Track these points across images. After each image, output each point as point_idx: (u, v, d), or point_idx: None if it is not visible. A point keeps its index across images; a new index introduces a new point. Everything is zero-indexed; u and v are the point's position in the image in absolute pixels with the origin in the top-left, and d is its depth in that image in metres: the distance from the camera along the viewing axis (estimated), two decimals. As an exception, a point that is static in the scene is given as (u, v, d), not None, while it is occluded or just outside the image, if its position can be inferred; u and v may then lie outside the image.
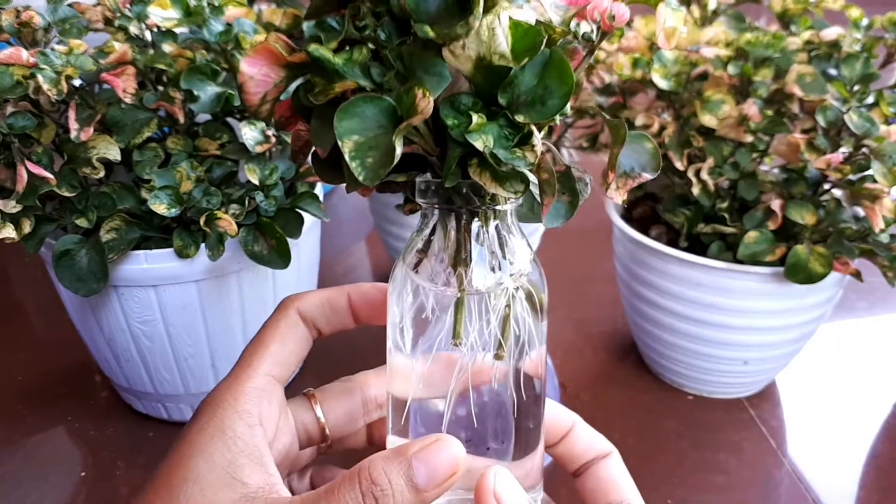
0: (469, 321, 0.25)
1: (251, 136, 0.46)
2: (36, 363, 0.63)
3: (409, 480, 0.23)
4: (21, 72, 0.40)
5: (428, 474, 0.23)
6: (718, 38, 0.54)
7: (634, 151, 0.24)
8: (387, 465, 0.23)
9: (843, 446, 0.54)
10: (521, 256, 0.26)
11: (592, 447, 0.29)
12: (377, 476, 0.23)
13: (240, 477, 0.24)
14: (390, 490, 0.23)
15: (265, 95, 0.22)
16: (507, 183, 0.22)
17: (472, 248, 0.25)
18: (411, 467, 0.23)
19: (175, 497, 0.24)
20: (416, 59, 0.20)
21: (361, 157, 0.20)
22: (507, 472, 0.25)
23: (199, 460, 0.24)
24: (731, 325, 0.51)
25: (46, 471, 0.51)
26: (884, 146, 0.45)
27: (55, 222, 0.45)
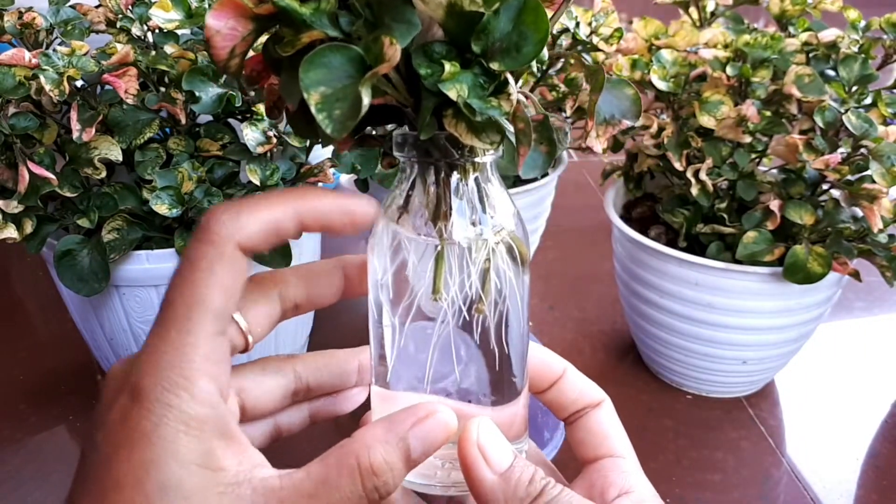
0: (450, 275, 0.25)
1: (252, 136, 0.46)
2: (37, 363, 0.63)
3: (405, 458, 0.23)
4: (23, 73, 0.40)
5: (423, 447, 0.23)
6: (717, 39, 0.55)
7: (615, 98, 0.23)
8: (386, 452, 0.23)
9: (842, 445, 0.54)
10: (502, 209, 0.25)
11: (584, 395, 0.28)
12: (378, 466, 0.22)
13: (217, 465, 0.22)
14: (391, 476, 0.22)
15: (233, 49, 0.21)
16: (483, 133, 0.21)
17: (452, 201, 0.24)
18: (408, 446, 0.23)
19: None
20: (384, 7, 0.20)
21: (328, 108, 0.19)
22: (489, 423, 0.24)
23: (172, 463, 0.21)
24: (730, 325, 0.51)
25: (48, 470, 0.51)
26: (882, 147, 0.45)
27: (57, 222, 0.45)
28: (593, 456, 0.28)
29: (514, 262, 0.26)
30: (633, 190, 0.60)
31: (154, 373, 0.22)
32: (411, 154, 0.24)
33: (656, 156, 0.54)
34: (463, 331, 0.26)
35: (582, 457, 0.28)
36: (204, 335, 0.22)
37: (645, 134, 0.54)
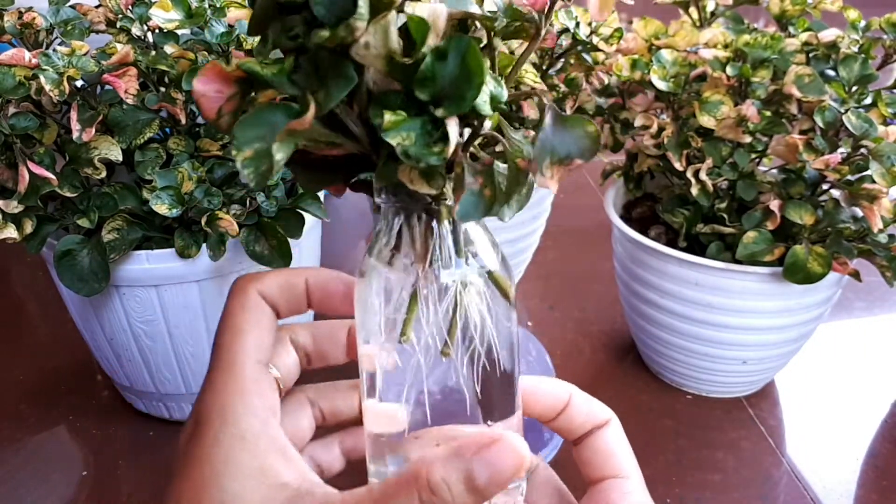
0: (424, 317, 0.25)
1: (252, 136, 0.46)
2: (38, 363, 0.63)
3: (468, 482, 0.22)
4: (23, 73, 0.40)
5: (490, 476, 0.22)
6: (717, 39, 0.55)
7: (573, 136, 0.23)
8: (446, 473, 0.22)
9: (842, 445, 0.54)
10: (483, 248, 0.26)
11: (591, 416, 0.28)
12: (436, 484, 0.22)
13: (277, 479, 0.22)
14: (450, 497, 0.22)
15: (220, 109, 0.22)
16: (432, 180, 0.21)
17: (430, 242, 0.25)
18: (473, 472, 0.22)
19: None
20: (326, 63, 0.20)
21: (255, 164, 0.20)
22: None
23: (228, 479, 0.22)
24: (730, 325, 0.51)
25: (48, 470, 0.51)
26: (882, 147, 0.45)
27: (57, 222, 0.45)
28: (598, 476, 0.28)
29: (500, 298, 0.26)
30: (633, 190, 0.60)
31: (212, 399, 0.24)
32: (388, 199, 0.25)
33: (656, 156, 0.54)
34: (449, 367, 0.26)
35: (587, 477, 0.28)
36: (249, 361, 0.25)
37: (645, 134, 0.54)
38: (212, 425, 0.24)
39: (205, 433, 0.23)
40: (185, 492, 0.23)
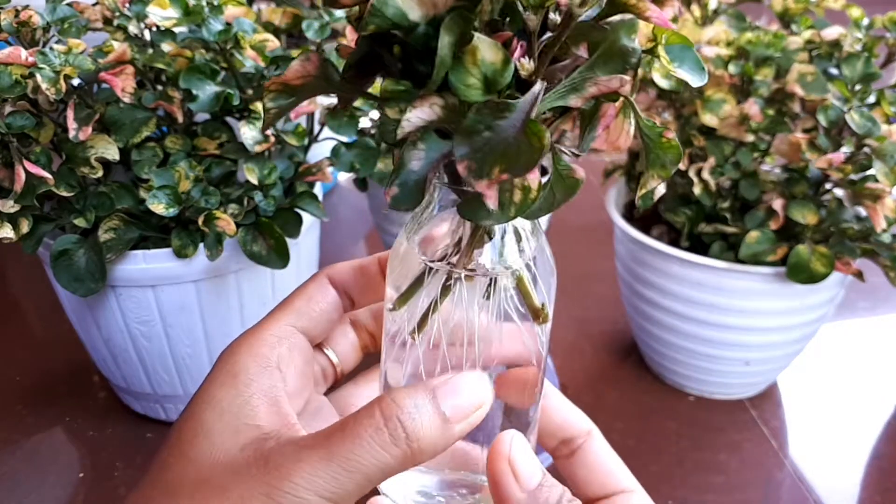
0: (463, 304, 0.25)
1: (250, 135, 0.46)
2: (34, 363, 0.63)
3: (435, 407, 0.22)
4: (20, 71, 0.40)
5: (455, 404, 0.22)
6: (719, 37, 0.54)
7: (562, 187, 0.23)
8: (409, 392, 0.22)
9: (845, 447, 0.53)
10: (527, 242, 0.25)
11: (570, 424, 0.28)
12: (401, 399, 0.21)
13: (251, 420, 0.23)
14: (417, 413, 0.21)
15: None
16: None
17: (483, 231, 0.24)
18: (436, 396, 0.22)
19: (185, 453, 0.22)
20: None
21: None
22: (522, 438, 0.24)
23: (208, 411, 0.23)
24: (733, 326, 0.51)
25: (45, 471, 0.51)
26: (885, 146, 0.45)
27: (53, 222, 0.45)
28: (601, 493, 0.27)
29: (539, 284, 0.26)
30: (636, 189, 0.60)
31: (231, 344, 0.25)
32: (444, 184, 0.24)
33: (658, 155, 0.54)
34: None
35: (588, 495, 0.28)
36: (281, 322, 0.26)
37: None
38: (217, 364, 0.25)
39: (212, 371, 0.25)
40: (182, 422, 0.24)
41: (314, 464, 0.20)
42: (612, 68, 0.21)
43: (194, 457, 0.22)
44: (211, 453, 0.22)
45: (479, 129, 0.19)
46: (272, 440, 0.22)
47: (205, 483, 0.21)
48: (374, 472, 0.21)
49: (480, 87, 0.20)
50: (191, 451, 0.22)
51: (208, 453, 0.22)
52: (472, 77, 0.19)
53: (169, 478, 0.22)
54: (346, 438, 0.21)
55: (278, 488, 0.20)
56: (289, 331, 0.26)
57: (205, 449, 0.22)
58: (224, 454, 0.22)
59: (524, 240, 0.25)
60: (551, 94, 0.21)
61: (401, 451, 0.21)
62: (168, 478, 0.22)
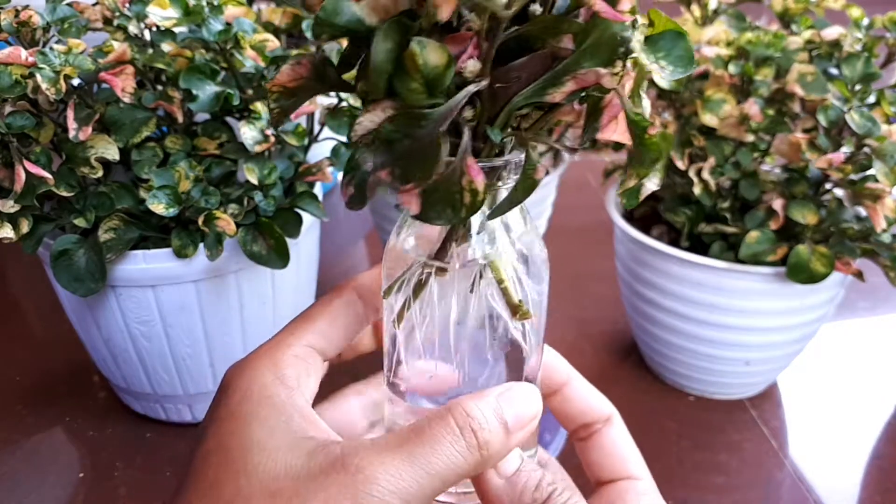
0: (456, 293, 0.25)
1: (250, 135, 0.46)
2: (34, 363, 0.63)
3: (500, 418, 0.22)
4: (20, 71, 0.40)
5: (515, 415, 0.23)
6: (719, 37, 0.54)
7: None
8: (477, 402, 0.22)
9: (845, 447, 0.53)
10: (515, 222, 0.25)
11: (591, 407, 0.28)
12: (471, 410, 0.22)
13: (303, 433, 0.23)
14: (487, 424, 0.22)
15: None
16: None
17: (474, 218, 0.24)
18: (500, 406, 0.23)
19: (242, 469, 0.22)
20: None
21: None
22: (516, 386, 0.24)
23: (255, 427, 0.22)
24: (733, 326, 0.51)
25: (45, 471, 0.51)
26: (885, 146, 0.45)
27: (53, 222, 0.45)
28: (609, 477, 0.28)
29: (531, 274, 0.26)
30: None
31: (248, 360, 0.25)
32: None
33: (658, 155, 0.54)
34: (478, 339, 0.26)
35: (596, 477, 0.28)
36: (300, 342, 0.25)
37: (646, 133, 0.53)
38: (240, 386, 0.24)
39: (232, 392, 0.24)
40: (221, 438, 0.23)
41: (398, 465, 0.21)
42: (599, 60, 0.20)
43: (254, 470, 0.22)
44: (274, 467, 0.22)
45: (396, 137, 0.20)
46: (335, 445, 0.22)
47: (280, 493, 0.21)
48: (449, 477, 0.21)
49: (423, 91, 0.20)
50: (247, 465, 0.22)
51: (271, 467, 0.22)
52: (414, 82, 0.19)
53: (227, 495, 0.22)
54: (425, 443, 0.21)
55: (365, 490, 0.20)
56: (308, 352, 0.26)
57: (264, 462, 0.22)
58: (289, 467, 0.22)
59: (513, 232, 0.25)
60: (528, 90, 0.21)
61: (474, 457, 0.22)
62: (226, 495, 0.22)
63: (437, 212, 0.21)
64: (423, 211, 0.21)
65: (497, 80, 0.21)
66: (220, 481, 0.22)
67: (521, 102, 0.21)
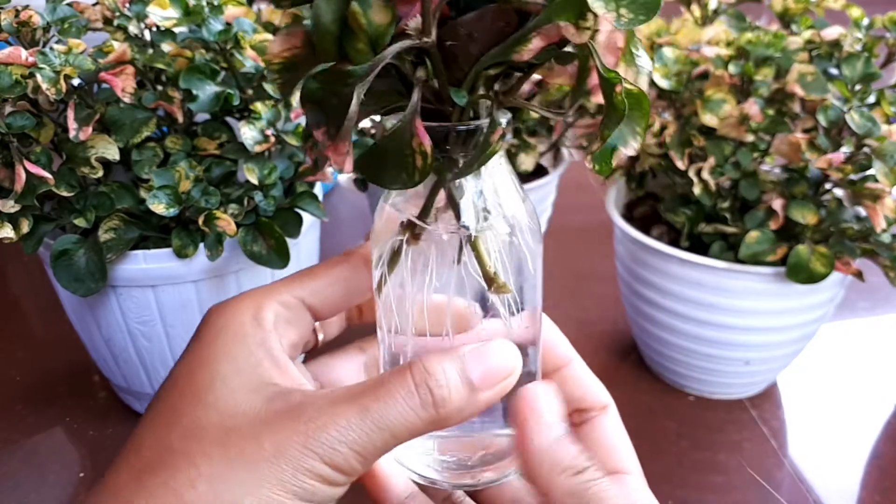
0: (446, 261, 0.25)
1: (250, 135, 0.46)
2: (34, 363, 0.63)
3: (464, 376, 0.22)
4: (20, 71, 0.40)
5: (483, 372, 0.22)
6: (719, 37, 0.54)
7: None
8: (440, 359, 0.22)
9: (845, 447, 0.53)
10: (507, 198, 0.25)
11: (588, 393, 0.28)
12: (431, 366, 0.22)
13: (268, 378, 0.23)
14: (445, 381, 0.22)
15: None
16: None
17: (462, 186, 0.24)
18: (465, 363, 0.22)
19: (203, 399, 0.22)
20: None
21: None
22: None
23: (224, 363, 0.23)
24: (733, 326, 0.51)
25: (45, 471, 0.51)
26: (885, 146, 0.45)
27: (53, 222, 0.45)
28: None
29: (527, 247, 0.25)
30: (635, 189, 0.60)
31: (233, 300, 0.25)
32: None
33: (658, 154, 0.54)
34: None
35: None
36: (290, 292, 0.26)
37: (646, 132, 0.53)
38: (219, 321, 0.25)
39: (212, 324, 0.25)
40: (190, 369, 0.24)
41: (350, 417, 0.21)
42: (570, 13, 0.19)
43: (214, 404, 0.22)
44: (234, 403, 0.22)
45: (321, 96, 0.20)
46: (296, 392, 0.22)
47: (234, 431, 0.22)
48: (401, 432, 0.22)
49: (369, 52, 0.19)
50: (209, 397, 0.22)
51: (231, 403, 0.22)
52: (359, 42, 0.19)
53: (187, 423, 0.22)
54: (379, 398, 0.22)
55: (314, 438, 0.21)
56: (296, 304, 0.26)
57: (226, 398, 0.22)
58: (248, 405, 0.22)
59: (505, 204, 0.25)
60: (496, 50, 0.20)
61: (429, 414, 0.22)
62: (185, 423, 0.22)
63: (390, 175, 0.21)
64: (376, 173, 0.21)
65: (447, 37, 0.20)
66: (180, 409, 0.23)
67: (487, 62, 0.20)
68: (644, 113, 0.21)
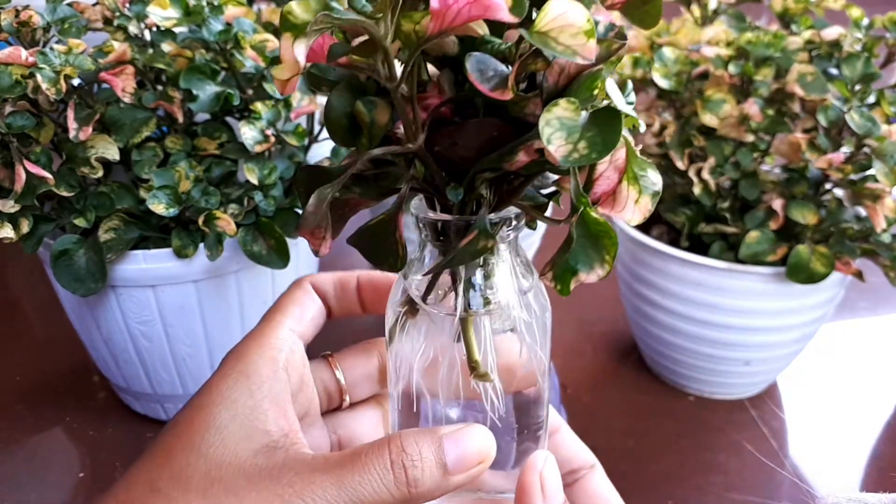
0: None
1: (250, 135, 0.46)
2: (34, 363, 0.63)
3: (438, 458, 0.23)
4: (20, 71, 0.40)
5: (458, 456, 0.23)
6: (719, 37, 0.54)
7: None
8: (418, 438, 0.23)
9: (845, 447, 0.53)
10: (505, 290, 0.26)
11: (576, 456, 0.29)
12: (408, 445, 0.23)
13: (262, 425, 0.24)
14: (420, 462, 0.23)
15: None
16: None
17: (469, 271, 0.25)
18: (441, 446, 0.23)
19: (196, 446, 0.23)
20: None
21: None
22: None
23: (222, 408, 0.24)
24: (733, 326, 0.51)
25: (45, 471, 0.51)
26: (885, 146, 0.45)
27: (53, 222, 0.45)
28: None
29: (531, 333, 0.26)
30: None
31: (237, 346, 0.26)
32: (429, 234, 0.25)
33: (658, 154, 0.54)
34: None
35: None
36: (283, 326, 0.27)
37: (647, 132, 0.53)
38: (228, 363, 0.26)
39: (221, 368, 0.26)
40: (191, 413, 0.25)
41: (325, 487, 0.22)
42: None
43: (205, 452, 0.23)
44: (223, 453, 0.23)
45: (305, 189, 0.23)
46: (281, 450, 0.23)
47: (218, 482, 0.22)
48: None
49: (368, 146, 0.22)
50: (202, 444, 0.23)
51: (220, 452, 0.23)
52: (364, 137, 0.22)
53: (176, 467, 0.23)
54: (355, 470, 0.22)
55: (290, 503, 0.22)
56: (291, 335, 0.27)
57: (216, 446, 0.23)
58: (235, 457, 0.23)
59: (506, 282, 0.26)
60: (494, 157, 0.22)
61: (401, 493, 0.22)
62: (175, 467, 0.23)
63: (380, 257, 0.24)
64: (369, 253, 0.24)
65: (434, 143, 0.22)
66: (173, 452, 0.24)
67: (482, 167, 0.22)
68: (613, 242, 0.21)
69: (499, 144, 0.21)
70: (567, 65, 0.20)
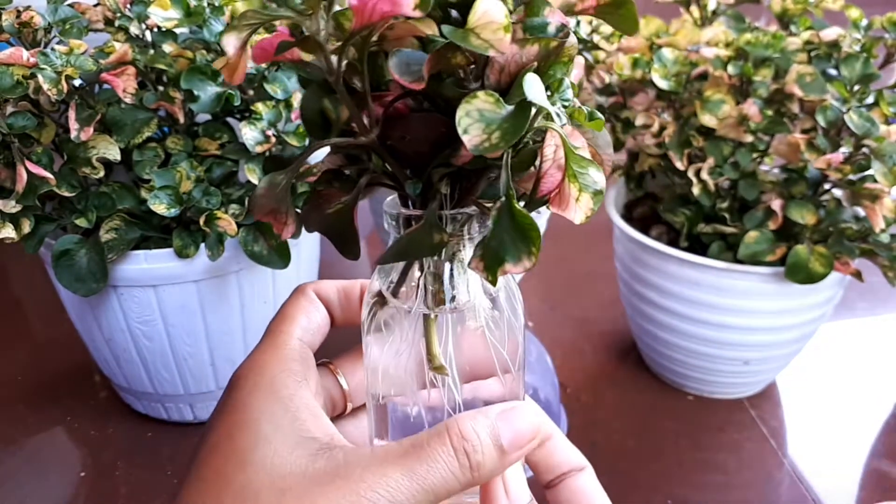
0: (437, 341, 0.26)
1: (251, 136, 0.46)
2: (35, 363, 0.63)
3: (495, 440, 0.23)
4: (21, 72, 0.40)
5: (513, 436, 0.24)
6: (718, 38, 0.54)
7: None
8: (474, 423, 0.23)
9: (844, 447, 0.53)
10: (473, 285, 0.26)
11: (568, 460, 0.29)
12: (467, 432, 0.23)
13: (306, 433, 0.24)
14: (480, 447, 0.23)
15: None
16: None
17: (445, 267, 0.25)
18: (496, 427, 0.24)
19: (251, 461, 0.23)
20: None
21: None
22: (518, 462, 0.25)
23: (263, 422, 0.24)
24: (732, 325, 0.51)
25: (46, 471, 0.51)
26: (884, 146, 0.45)
27: (55, 222, 0.45)
28: None
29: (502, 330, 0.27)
30: (635, 189, 0.60)
31: (251, 363, 0.26)
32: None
33: (657, 155, 0.54)
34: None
35: None
36: (293, 337, 0.27)
37: (646, 133, 0.53)
38: (248, 380, 0.25)
39: (241, 386, 0.25)
40: (230, 431, 0.24)
41: (397, 479, 0.22)
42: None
43: (262, 464, 0.23)
44: (282, 463, 0.23)
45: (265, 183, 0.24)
46: (337, 451, 0.23)
47: (288, 491, 0.22)
48: (441, 493, 0.23)
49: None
50: (255, 458, 0.23)
51: (279, 463, 0.23)
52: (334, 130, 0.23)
53: (237, 485, 0.23)
54: (422, 460, 0.23)
55: (365, 497, 0.22)
56: (302, 345, 0.27)
57: (271, 457, 0.23)
58: (296, 465, 0.23)
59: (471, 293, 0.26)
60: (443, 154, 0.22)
61: (466, 477, 0.23)
62: (236, 485, 0.23)
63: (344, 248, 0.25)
64: (336, 242, 0.25)
65: (388, 137, 0.23)
66: (227, 472, 0.23)
67: (437, 162, 0.23)
68: (537, 236, 0.22)
69: (452, 140, 0.22)
70: (507, 63, 0.21)
